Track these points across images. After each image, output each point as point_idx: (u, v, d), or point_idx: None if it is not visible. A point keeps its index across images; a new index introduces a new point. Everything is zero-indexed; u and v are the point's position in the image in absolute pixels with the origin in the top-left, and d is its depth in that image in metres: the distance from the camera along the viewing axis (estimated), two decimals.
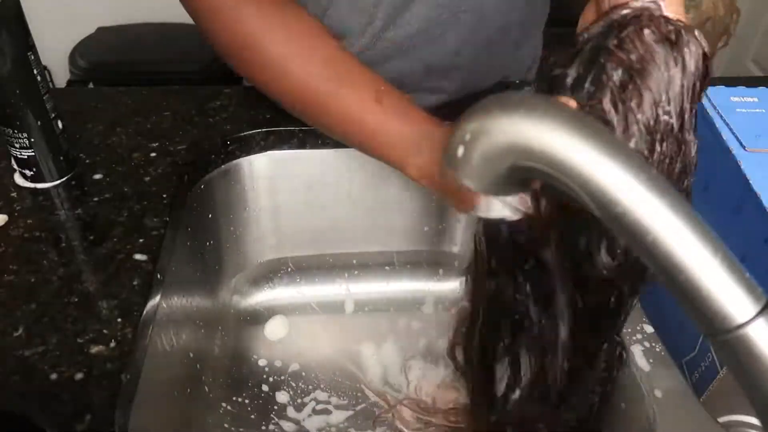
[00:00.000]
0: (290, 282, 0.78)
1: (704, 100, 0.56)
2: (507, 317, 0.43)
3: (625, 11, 0.36)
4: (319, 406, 0.69)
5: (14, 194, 0.60)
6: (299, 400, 0.69)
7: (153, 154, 0.65)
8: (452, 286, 0.79)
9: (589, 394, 0.45)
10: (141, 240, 0.55)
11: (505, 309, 0.43)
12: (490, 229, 0.42)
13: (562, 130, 0.28)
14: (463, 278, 0.47)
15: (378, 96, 0.52)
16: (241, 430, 0.66)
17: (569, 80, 0.36)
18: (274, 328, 0.75)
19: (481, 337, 0.46)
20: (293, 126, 0.70)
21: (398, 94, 0.54)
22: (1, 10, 0.52)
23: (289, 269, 0.78)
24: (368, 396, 0.69)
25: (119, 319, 0.48)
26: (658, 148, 0.35)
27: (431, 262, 0.80)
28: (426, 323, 0.77)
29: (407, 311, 0.78)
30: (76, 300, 0.49)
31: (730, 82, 0.60)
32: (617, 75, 0.35)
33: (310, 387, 0.70)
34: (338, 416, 0.68)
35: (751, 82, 0.63)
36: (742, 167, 0.49)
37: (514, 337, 0.43)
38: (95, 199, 0.59)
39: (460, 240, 0.79)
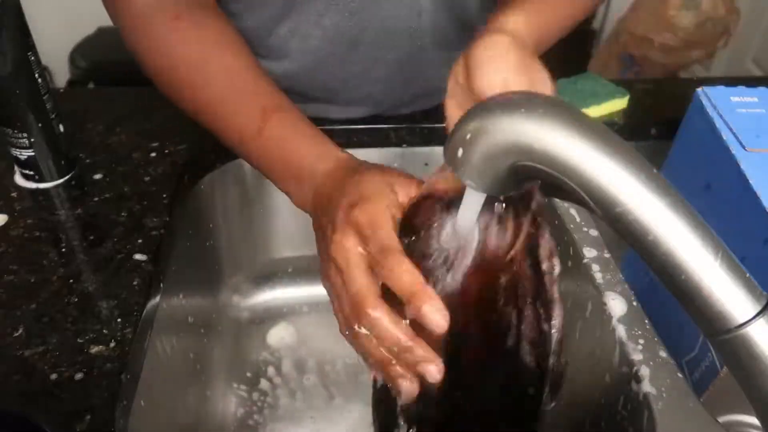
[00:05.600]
0: (290, 282, 0.78)
1: (704, 100, 0.56)
2: None
3: None
4: (319, 406, 0.69)
5: (14, 194, 0.60)
6: (298, 399, 0.69)
7: (153, 154, 0.65)
8: None
9: None
10: (141, 240, 0.55)
11: None
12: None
13: (563, 130, 0.28)
14: None
15: (263, 119, 0.52)
16: (241, 429, 0.66)
17: None
18: (276, 333, 0.75)
19: None
20: None
21: (284, 119, 0.52)
22: (1, 10, 0.52)
23: (289, 269, 0.78)
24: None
25: (119, 319, 0.48)
26: None
27: None
28: None
29: None
30: (76, 300, 0.49)
31: (730, 82, 0.60)
32: None
33: (310, 386, 0.70)
34: (339, 415, 0.68)
35: (751, 82, 0.63)
36: (742, 167, 0.49)
37: None
38: (95, 199, 0.59)
39: None
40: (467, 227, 0.38)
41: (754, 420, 0.48)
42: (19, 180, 0.61)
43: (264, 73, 0.55)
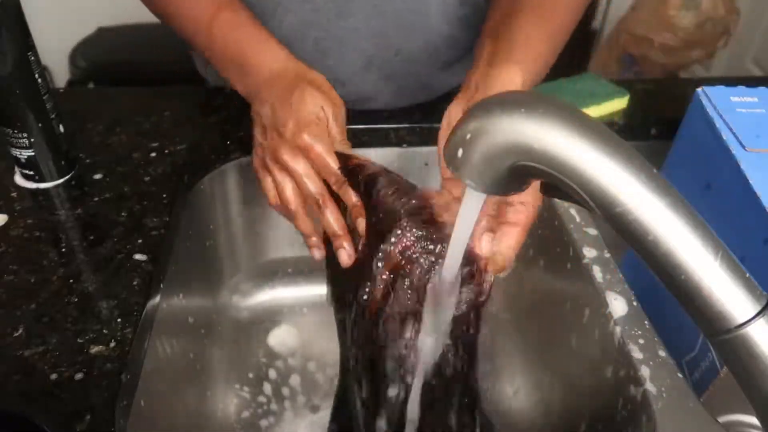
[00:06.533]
0: (290, 282, 0.78)
1: (704, 100, 0.56)
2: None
3: None
4: (319, 406, 0.69)
5: (14, 194, 0.60)
6: (299, 400, 0.69)
7: (153, 154, 0.65)
8: None
9: None
10: (141, 240, 0.55)
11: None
12: None
13: (563, 129, 0.28)
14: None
15: (213, 14, 0.59)
16: (240, 430, 0.66)
17: None
18: (276, 334, 0.75)
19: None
20: None
21: (232, 17, 0.59)
22: (1, 10, 0.52)
23: (289, 269, 0.78)
24: None
25: (119, 319, 0.48)
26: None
27: None
28: None
29: None
30: (76, 300, 0.49)
31: (730, 82, 0.60)
32: None
33: (310, 387, 0.70)
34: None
35: (751, 82, 0.63)
36: (742, 167, 0.49)
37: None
38: (95, 199, 0.59)
39: None
40: (466, 228, 0.38)
41: (754, 420, 0.48)
42: (19, 180, 0.61)
43: None
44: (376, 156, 0.72)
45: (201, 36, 0.60)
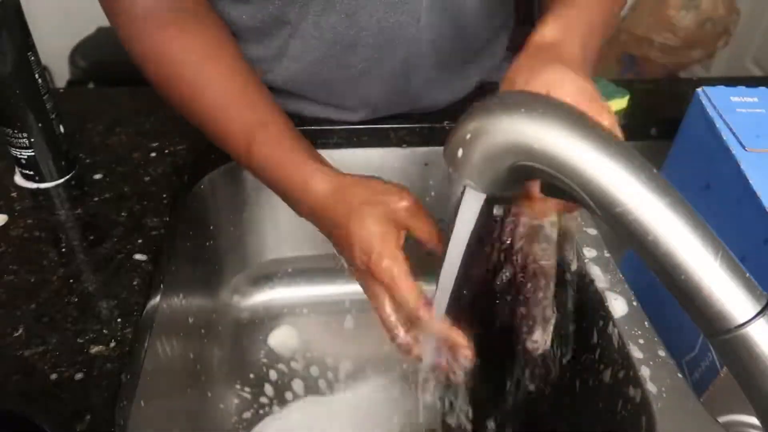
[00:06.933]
0: (290, 282, 0.78)
1: (704, 100, 0.56)
2: None
3: None
4: (320, 406, 0.69)
5: (14, 194, 0.60)
6: (299, 401, 0.69)
7: (153, 154, 0.65)
8: None
9: None
10: (141, 240, 0.55)
11: None
12: None
13: (563, 130, 0.28)
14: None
15: (248, 140, 0.53)
16: (240, 430, 0.66)
17: None
18: (277, 333, 0.75)
19: None
20: None
21: (267, 139, 0.53)
22: (1, 10, 0.52)
23: (289, 269, 0.78)
24: (369, 396, 0.69)
25: (119, 319, 0.48)
26: None
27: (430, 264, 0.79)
28: None
29: None
30: (76, 300, 0.49)
31: (730, 82, 0.60)
32: None
33: (311, 387, 0.70)
34: (340, 415, 0.68)
35: (751, 82, 0.63)
36: (742, 167, 0.49)
37: None
38: (95, 199, 0.59)
39: None
40: (466, 230, 0.38)
41: (754, 420, 0.48)
42: (19, 180, 0.61)
43: (249, 82, 0.57)
44: (377, 156, 0.72)
45: (242, 163, 0.56)
